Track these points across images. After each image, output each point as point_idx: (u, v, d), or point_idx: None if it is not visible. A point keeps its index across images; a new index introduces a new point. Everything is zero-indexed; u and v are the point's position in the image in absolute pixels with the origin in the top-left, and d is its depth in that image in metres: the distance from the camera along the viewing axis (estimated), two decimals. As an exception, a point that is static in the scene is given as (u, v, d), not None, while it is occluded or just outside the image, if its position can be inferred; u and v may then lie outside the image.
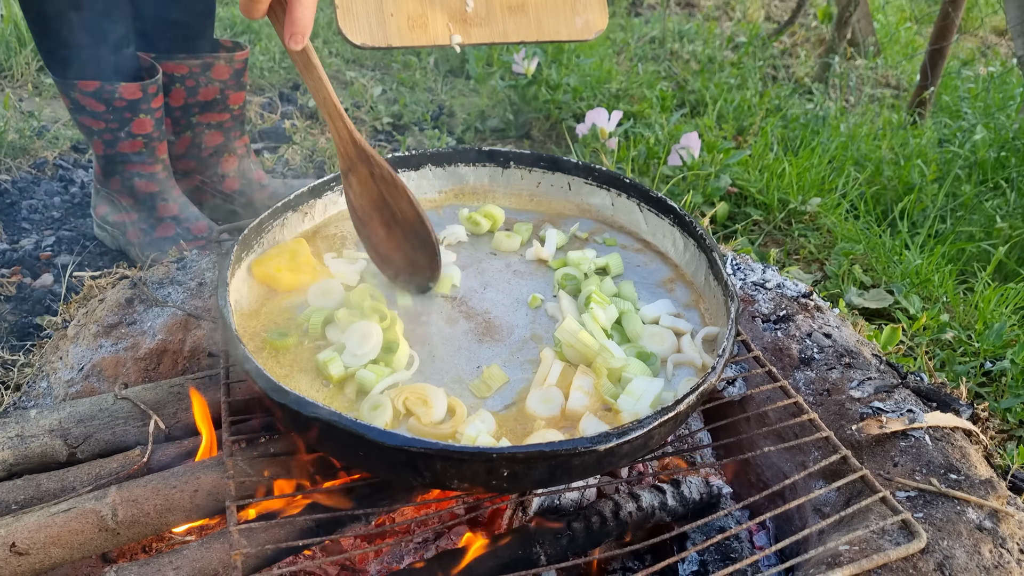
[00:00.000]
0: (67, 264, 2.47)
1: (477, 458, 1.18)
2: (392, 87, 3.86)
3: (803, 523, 1.49)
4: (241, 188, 2.70)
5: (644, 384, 1.36)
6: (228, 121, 2.58)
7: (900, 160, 3.42)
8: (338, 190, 1.79)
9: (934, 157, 3.39)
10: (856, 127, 3.77)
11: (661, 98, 3.53)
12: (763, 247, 2.85)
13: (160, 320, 1.67)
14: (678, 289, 1.67)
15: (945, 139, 3.75)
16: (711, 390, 1.32)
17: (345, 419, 1.20)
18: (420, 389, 1.37)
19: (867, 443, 1.43)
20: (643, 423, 1.24)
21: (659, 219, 1.76)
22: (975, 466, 1.35)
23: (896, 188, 3.29)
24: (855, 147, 3.49)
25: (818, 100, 4.31)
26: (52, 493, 1.44)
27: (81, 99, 2.13)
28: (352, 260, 1.65)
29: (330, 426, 1.21)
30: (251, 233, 1.59)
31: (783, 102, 4.13)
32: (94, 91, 2.10)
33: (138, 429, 1.53)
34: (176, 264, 1.79)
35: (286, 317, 1.51)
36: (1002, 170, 3.34)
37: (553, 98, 3.46)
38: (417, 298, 1.59)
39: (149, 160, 2.30)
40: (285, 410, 1.25)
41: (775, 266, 1.89)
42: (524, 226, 1.80)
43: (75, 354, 1.67)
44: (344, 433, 1.20)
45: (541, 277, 1.69)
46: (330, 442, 1.27)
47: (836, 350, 1.63)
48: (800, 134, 3.71)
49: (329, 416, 1.21)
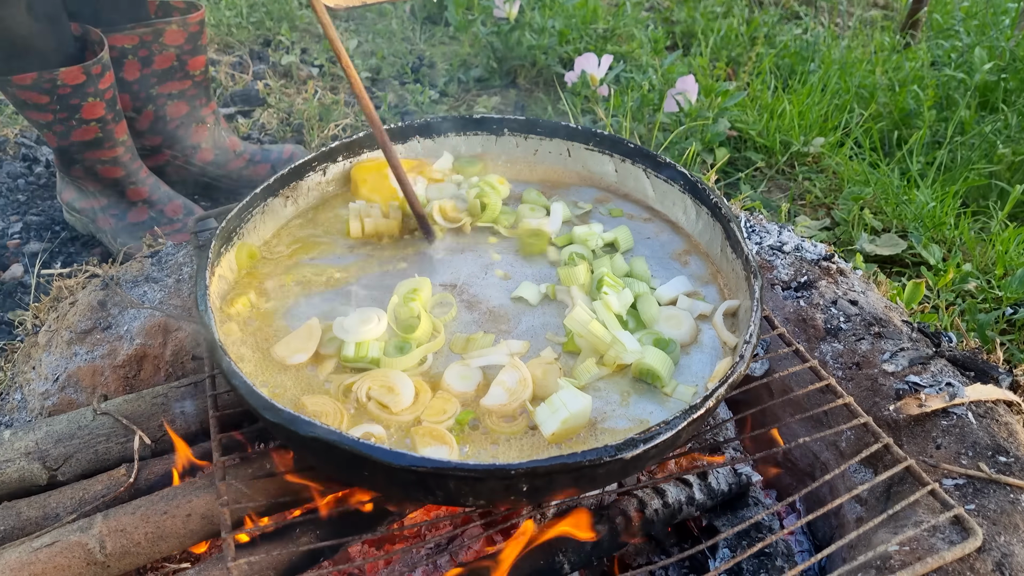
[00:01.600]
0: (37, 253, 2.33)
1: (494, 475, 1.08)
2: (368, 38, 3.66)
3: (840, 515, 1.40)
4: (215, 158, 2.54)
5: (568, 398, 1.21)
6: (191, 88, 2.41)
7: (895, 86, 3.28)
8: (320, 170, 1.66)
9: (931, 82, 3.24)
10: (848, 51, 3.62)
11: (653, 40, 3.35)
12: (766, 193, 2.73)
13: (137, 323, 1.54)
14: (692, 262, 1.56)
15: (939, 61, 3.60)
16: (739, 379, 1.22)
17: (346, 439, 1.10)
18: (384, 376, 1.27)
19: (906, 423, 1.34)
20: (671, 424, 1.13)
21: (668, 185, 1.63)
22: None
23: (892, 115, 3.16)
24: (849, 75, 3.34)
25: (806, 25, 4.14)
26: (34, 522, 1.34)
27: (20, 94, 1.95)
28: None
29: (330, 446, 1.11)
30: (229, 224, 1.45)
31: (771, 29, 3.97)
32: (32, 83, 1.92)
33: (122, 446, 1.42)
34: (151, 259, 1.65)
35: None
36: (1002, 93, 3.21)
37: (538, 43, 3.28)
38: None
39: (108, 145, 2.14)
40: (279, 429, 1.14)
41: (790, 225, 1.77)
42: (532, 192, 1.67)
43: (48, 363, 1.54)
44: (346, 453, 1.10)
45: (545, 258, 1.56)
46: (330, 462, 1.17)
47: (864, 318, 1.53)
48: (791, 62, 3.56)
49: (328, 436, 1.10)
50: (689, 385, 1.31)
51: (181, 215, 2.31)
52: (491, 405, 1.24)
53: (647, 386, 1.31)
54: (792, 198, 2.69)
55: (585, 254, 1.51)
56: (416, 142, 1.74)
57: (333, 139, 2.84)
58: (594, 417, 1.25)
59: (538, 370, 1.27)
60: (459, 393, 1.27)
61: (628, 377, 1.32)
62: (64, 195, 2.36)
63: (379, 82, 3.39)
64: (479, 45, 3.44)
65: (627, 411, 1.27)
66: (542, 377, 1.27)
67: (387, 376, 1.26)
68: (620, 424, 1.26)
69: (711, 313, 1.44)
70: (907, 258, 2.38)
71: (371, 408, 1.24)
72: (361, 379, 1.27)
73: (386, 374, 1.27)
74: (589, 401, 1.21)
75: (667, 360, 1.31)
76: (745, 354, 1.22)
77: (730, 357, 1.32)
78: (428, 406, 1.24)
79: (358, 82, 1.43)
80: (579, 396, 1.20)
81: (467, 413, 1.24)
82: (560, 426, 1.18)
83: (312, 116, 2.95)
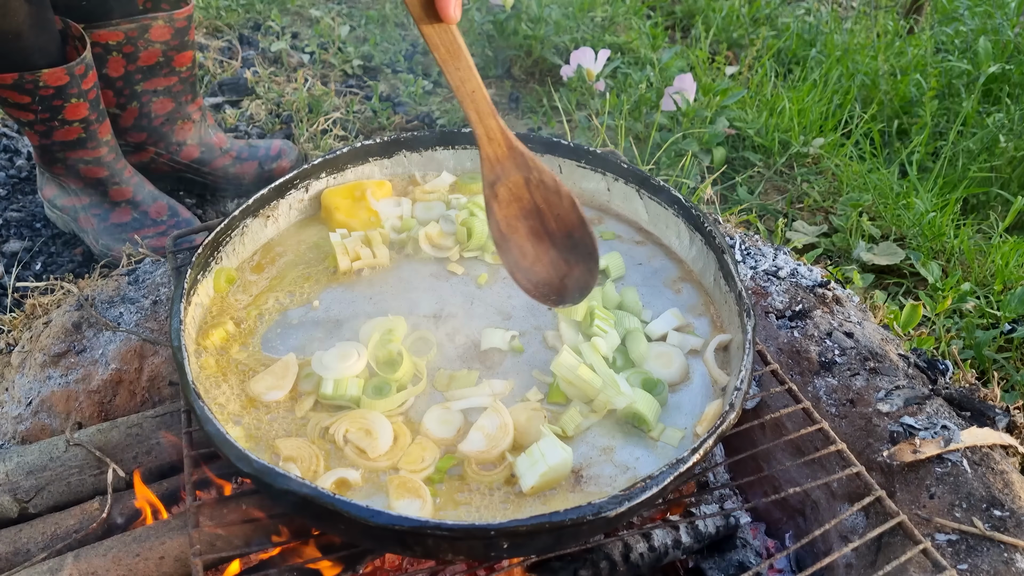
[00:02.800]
0: (17, 252, 2.28)
1: (474, 535, 1.05)
2: (361, 23, 3.58)
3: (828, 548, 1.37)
4: (201, 156, 2.48)
5: (547, 449, 1.16)
6: (176, 85, 2.34)
7: (897, 73, 3.22)
8: (303, 188, 1.60)
9: (934, 72, 3.18)
10: (851, 35, 3.55)
11: (652, 36, 3.28)
12: (764, 196, 2.67)
13: (113, 347, 1.50)
14: (685, 290, 1.51)
15: (943, 47, 3.53)
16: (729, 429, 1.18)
17: (322, 494, 1.06)
18: (362, 418, 1.23)
19: (899, 469, 1.30)
20: (657, 479, 1.10)
21: (661, 208, 1.58)
22: (1020, 496, 1.23)
23: (893, 103, 3.10)
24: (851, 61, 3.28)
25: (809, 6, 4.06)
26: (4, 558, 1.30)
27: (1, 93, 1.89)
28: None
29: (304, 500, 1.07)
30: (205, 251, 1.41)
31: (774, 10, 3.89)
32: (13, 83, 1.85)
33: (95, 478, 1.38)
34: (127, 277, 1.60)
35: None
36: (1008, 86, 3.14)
37: (534, 33, 3.20)
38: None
39: (91, 145, 2.08)
40: (253, 479, 1.11)
41: (785, 247, 1.73)
42: None
43: (21, 386, 1.50)
44: (320, 508, 1.07)
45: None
46: (305, 513, 1.14)
47: (859, 352, 1.49)
48: (793, 45, 3.49)
49: (302, 489, 1.07)
50: (677, 428, 1.27)
51: (165, 216, 2.25)
52: (469, 451, 1.20)
53: (633, 428, 1.28)
54: (790, 201, 2.64)
55: None
56: (403, 156, 1.69)
57: (323, 133, 2.78)
58: (577, 464, 1.22)
59: (522, 416, 1.23)
60: (438, 439, 1.23)
61: (613, 419, 1.28)
62: (45, 192, 2.30)
63: (371, 70, 3.31)
64: (474, 34, 3.36)
65: (612, 457, 1.24)
66: (525, 423, 1.23)
67: (365, 418, 1.23)
68: (605, 471, 1.22)
69: (702, 348, 1.40)
70: (905, 268, 2.34)
71: (348, 452, 1.21)
72: (339, 421, 1.23)
73: (364, 416, 1.23)
74: (569, 454, 1.17)
75: (654, 404, 1.27)
76: (735, 403, 1.19)
77: (720, 400, 1.29)
78: (406, 453, 1.20)
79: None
80: (558, 448, 1.16)
81: (448, 459, 1.20)
82: (539, 480, 1.14)
83: (302, 107, 2.88)
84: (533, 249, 1.29)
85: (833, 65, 3.26)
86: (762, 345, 1.42)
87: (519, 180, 1.24)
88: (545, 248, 1.28)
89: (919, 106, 3.05)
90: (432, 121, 2.94)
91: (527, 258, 1.29)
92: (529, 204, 1.26)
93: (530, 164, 1.23)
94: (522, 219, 1.27)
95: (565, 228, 1.26)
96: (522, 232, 1.28)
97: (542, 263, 1.29)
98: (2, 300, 2.11)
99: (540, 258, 1.29)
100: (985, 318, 2.10)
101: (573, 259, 1.27)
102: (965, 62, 3.23)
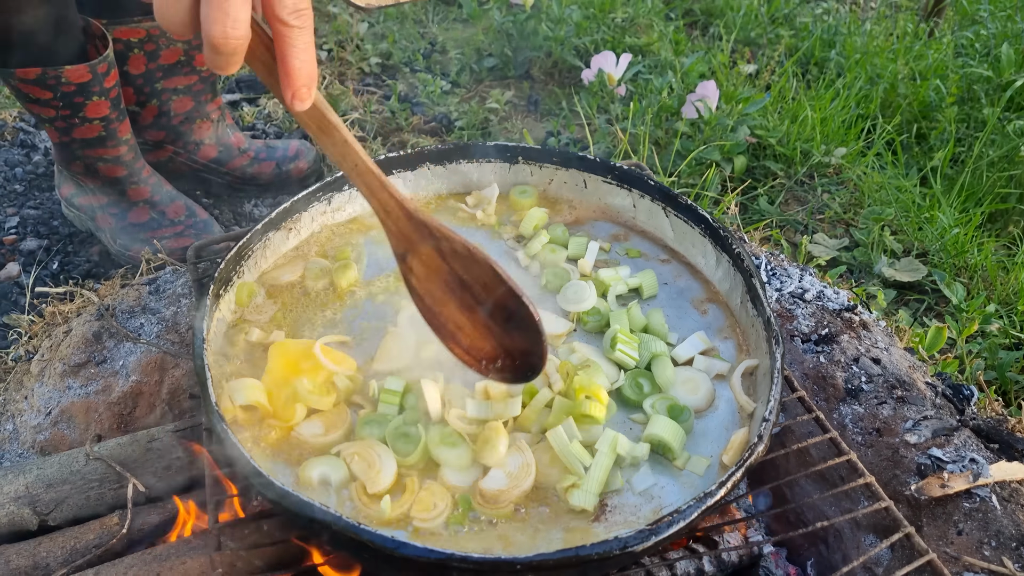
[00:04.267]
0: (34, 251, 2.27)
1: (500, 568, 1.04)
2: (379, 20, 3.55)
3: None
4: (219, 155, 2.46)
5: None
6: (197, 84, 2.33)
7: (916, 77, 3.18)
8: (325, 200, 1.59)
9: (955, 78, 3.14)
10: (870, 37, 3.51)
11: (675, 42, 3.24)
12: (784, 206, 2.65)
13: (133, 358, 1.49)
14: (712, 311, 1.50)
15: (963, 52, 3.49)
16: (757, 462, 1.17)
17: (348, 523, 1.05)
18: (367, 449, 1.20)
19: (927, 503, 1.29)
20: (684, 513, 1.09)
21: (687, 227, 1.56)
22: (1050, 536, 1.21)
23: (912, 108, 3.07)
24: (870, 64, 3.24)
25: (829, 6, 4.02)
26: (23, 571, 1.30)
27: (23, 88, 1.87)
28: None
29: (327, 527, 1.07)
30: (228, 265, 1.39)
31: (792, 10, 3.85)
32: (36, 78, 1.84)
33: (115, 492, 1.38)
34: (148, 287, 1.59)
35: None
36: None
37: (555, 34, 3.17)
38: (412, 337, 1.38)
39: (111, 143, 2.07)
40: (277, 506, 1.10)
41: (811, 268, 1.71)
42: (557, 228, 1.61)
43: (41, 395, 1.50)
44: (345, 537, 1.06)
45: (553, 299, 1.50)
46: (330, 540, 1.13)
47: (887, 379, 1.47)
48: (814, 49, 3.45)
49: (326, 518, 1.06)
50: (703, 456, 1.26)
51: (183, 216, 2.24)
52: (489, 490, 1.19)
53: (658, 456, 1.26)
54: (811, 212, 2.61)
55: (602, 310, 1.45)
56: (427, 168, 1.67)
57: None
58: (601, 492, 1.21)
59: (545, 456, 1.22)
60: (453, 487, 1.20)
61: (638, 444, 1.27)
62: (63, 190, 2.29)
63: (389, 68, 3.29)
64: (493, 33, 3.33)
65: (636, 486, 1.22)
66: (548, 464, 1.21)
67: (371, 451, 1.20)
68: (628, 500, 1.21)
69: (728, 373, 1.39)
70: (927, 285, 2.32)
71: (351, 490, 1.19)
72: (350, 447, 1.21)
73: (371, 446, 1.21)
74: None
75: (680, 432, 1.25)
76: (764, 434, 1.17)
77: (746, 429, 1.27)
78: (417, 500, 1.17)
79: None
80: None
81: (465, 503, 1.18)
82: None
83: (319, 106, 2.86)
84: (469, 323, 1.17)
85: (853, 68, 3.23)
86: (789, 371, 1.40)
87: (430, 251, 1.14)
88: (481, 321, 1.17)
89: (938, 111, 3.02)
90: (450, 123, 2.92)
91: (466, 334, 1.18)
92: (449, 275, 1.15)
93: (436, 233, 1.12)
94: (447, 292, 1.16)
95: (493, 298, 1.14)
96: (452, 306, 1.17)
97: (484, 338, 1.18)
98: (20, 299, 2.11)
99: (480, 332, 1.18)
100: (1008, 339, 2.08)
101: (515, 333, 1.15)
102: (986, 67, 3.19)
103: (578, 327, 1.46)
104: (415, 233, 1.12)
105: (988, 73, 3.16)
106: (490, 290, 1.14)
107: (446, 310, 1.17)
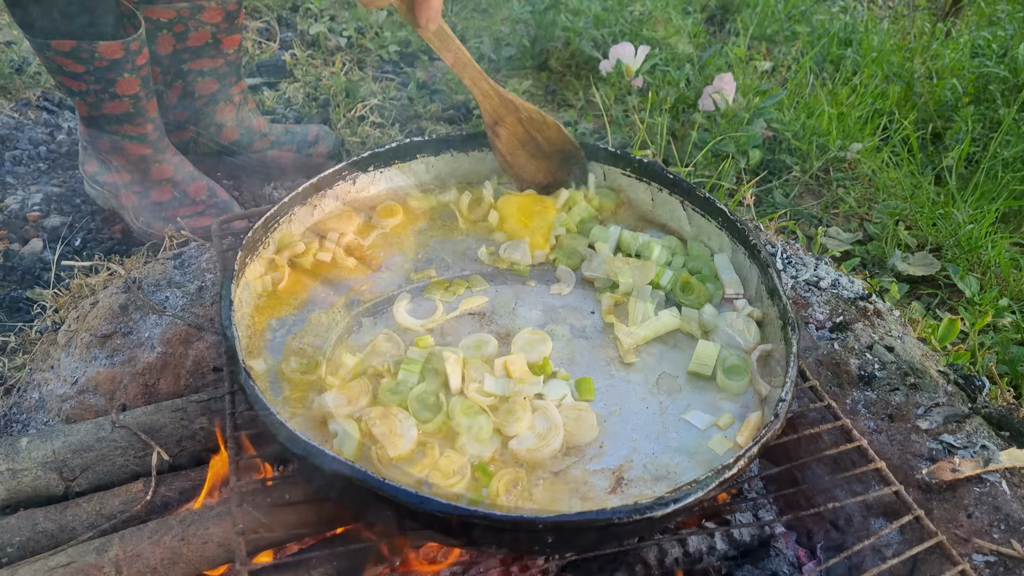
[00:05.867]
0: (57, 227, 2.30)
1: (521, 526, 1.06)
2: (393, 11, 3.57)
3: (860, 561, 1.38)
4: (240, 138, 2.49)
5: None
6: (223, 67, 2.36)
7: (933, 76, 3.19)
8: (351, 179, 1.61)
9: (971, 78, 3.14)
10: (887, 36, 3.51)
11: (693, 34, 3.26)
12: (799, 199, 2.66)
13: (158, 330, 1.52)
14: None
15: (980, 52, 3.49)
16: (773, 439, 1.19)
17: (372, 478, 1.07)
18: (389, 414, 1.24)
19: (937, 487, 1.31)
20: (702, 483, 1.12)
21: (705, 220, 1.58)
22: (1058, 521, 1.23)
23: (928, 107, 3.08)
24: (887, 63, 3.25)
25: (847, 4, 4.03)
26: (49, 534, 1.33)
27: (57, 59, 1.91)
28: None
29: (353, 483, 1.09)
30: (256, 234, 1.42)
31: (809, 7, 3.86)
32: (70, 51, 1.87)
33: (139, 459, 1.41)
34: (173, 261, 1.62)
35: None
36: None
37: (573, 26, 3.19)
38: (445, 314, 1.44)
39: (139, 121, 2.10)
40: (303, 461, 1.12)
41: (827, 256, 1.72)
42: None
43: (67, 365, 1.53)
44: (370, 492, 1.08)
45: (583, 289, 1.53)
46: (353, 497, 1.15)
47: (900, 367, 1.49)
48: (831, 47, 3.46)
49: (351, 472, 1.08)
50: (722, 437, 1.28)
51: (204, 196, 2.27)
52: (518, 449, 1.22)
53: (673, 433, 1.29)
54: (825, 206, 2.63)
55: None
56: (450, 155, 1.70)
57: (360, 120, 2.78)
58: (617, 466, 1.23)
59: (571, 413, 1.25)
60: (472, 455, 1.23)
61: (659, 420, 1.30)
62: (87, 167, 2.32)
63: (408, 56, 3.31)
64: (512, 22, 3.35)
65: (651, 461, 1.25)
66: (575, 423, 1.24)
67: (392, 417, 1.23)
68: (644, 474, 1.24)
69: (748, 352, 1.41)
70: (940, 279, 2.33)
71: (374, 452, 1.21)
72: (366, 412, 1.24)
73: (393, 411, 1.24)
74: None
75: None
76: (780, 413, 1.19)
77: (761, 411, 1.29)
78: (435, 467, 1.20)
79: None
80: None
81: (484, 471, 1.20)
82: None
83: (339, 92, 2.89)
84: (533, 165, 1.70)
85: (869, 66, 3.23)
86: (803, 362, 1.42)
87: (513, 120, 1.65)
88: (542, 163, 1.70)
89: (954, 110, 3.02)
90: (468, 111, 2.94)
91: (528, 172, 1.71)
92: (524, 135, 1.67)
93: (519, 106, 1.64)
94: (520, 147, 1.68)
95: (555, 146, 1.68)
96: (522, 156, 1.69)
97: (542, 173, 1.71)
98: (44, 275, 2.14)
99: (540, 169, 1.71)
100: (1020, 334, 2.09)
101: (567, 166, 1.70)
102: (1002, 68, 3.20)
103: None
104: (503, 108, 1.63)
105: (1005, 73, 3.16)
106: (553, 141, 1.68)
107: (517, 159, 1.70)
